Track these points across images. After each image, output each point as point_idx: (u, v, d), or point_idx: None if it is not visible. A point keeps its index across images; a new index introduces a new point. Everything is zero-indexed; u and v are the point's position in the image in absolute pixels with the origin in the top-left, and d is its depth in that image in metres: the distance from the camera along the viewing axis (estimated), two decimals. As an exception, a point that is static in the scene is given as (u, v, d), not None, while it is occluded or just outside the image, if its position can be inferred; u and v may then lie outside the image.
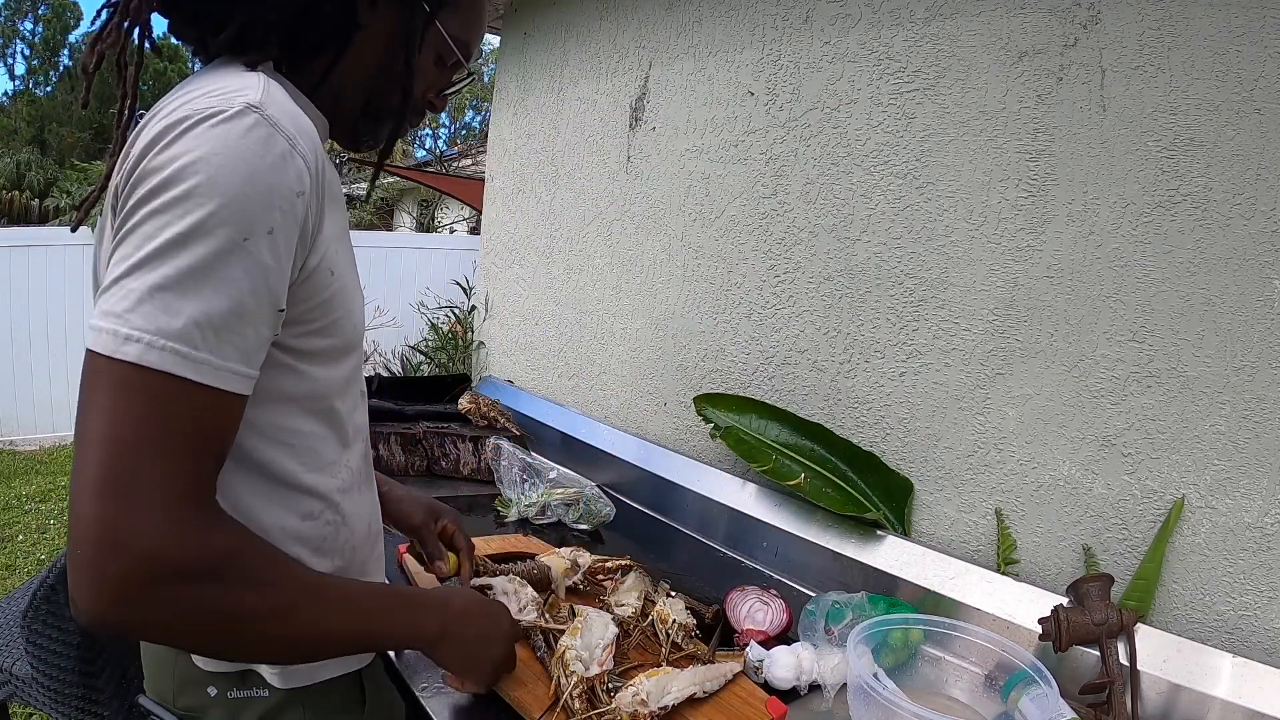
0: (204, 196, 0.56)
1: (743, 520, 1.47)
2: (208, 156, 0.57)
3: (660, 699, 0.88)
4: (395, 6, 0.74)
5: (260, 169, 0.58)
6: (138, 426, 0.54)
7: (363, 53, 0.74)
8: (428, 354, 3.00)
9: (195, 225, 0.55)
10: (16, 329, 4.91)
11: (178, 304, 0.55)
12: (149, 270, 0.54)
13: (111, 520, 0.52)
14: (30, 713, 2.29)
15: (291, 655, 0.69)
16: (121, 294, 0.54)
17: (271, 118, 0.60)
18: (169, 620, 0.56)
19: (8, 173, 16.54)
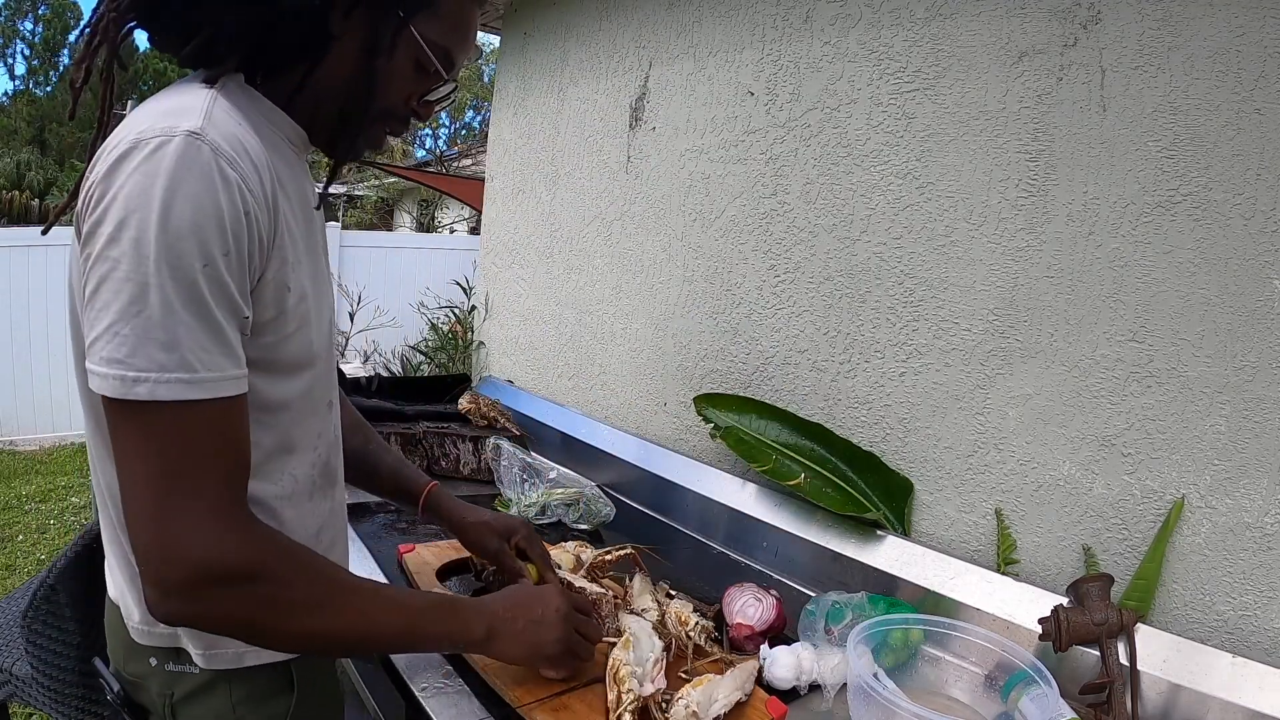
0: (163, 230, 0.60)
1: (743, 520, 1.47)
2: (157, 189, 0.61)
3: (710, 708, 0.88)
4: (369, 15, 0.73)
5: (207, 195, 0.62)
6: (165, 456, 0.62)
7: (338, 63, 0.74)
8: (428, 354, 3.00)
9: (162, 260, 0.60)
10: (16, 329, 4.91)
11: (170, 339, 0.61)
12: (135, 313, 0.60)
13: (164, 541, 0.62)
14: (30, 713, 2.29)
15: (336, 648, 0.79)
16: (118, 341, 0.60)
17: (213, 142, 0.63)
18: (223, 616, 0.66)
19: (8, 173, 16.53)
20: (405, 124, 0.83)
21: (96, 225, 0.61)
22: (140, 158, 0.61)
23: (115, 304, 0.60)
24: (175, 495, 0.62)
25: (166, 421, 0.62)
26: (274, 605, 0.68)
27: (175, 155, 0.61)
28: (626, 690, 0.86)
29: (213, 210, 0.62)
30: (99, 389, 0.61)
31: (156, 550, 0.62)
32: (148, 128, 0.63)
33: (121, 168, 0.61)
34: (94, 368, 0.61)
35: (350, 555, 1.26)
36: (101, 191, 0.62)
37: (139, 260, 0.60)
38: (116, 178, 0.61)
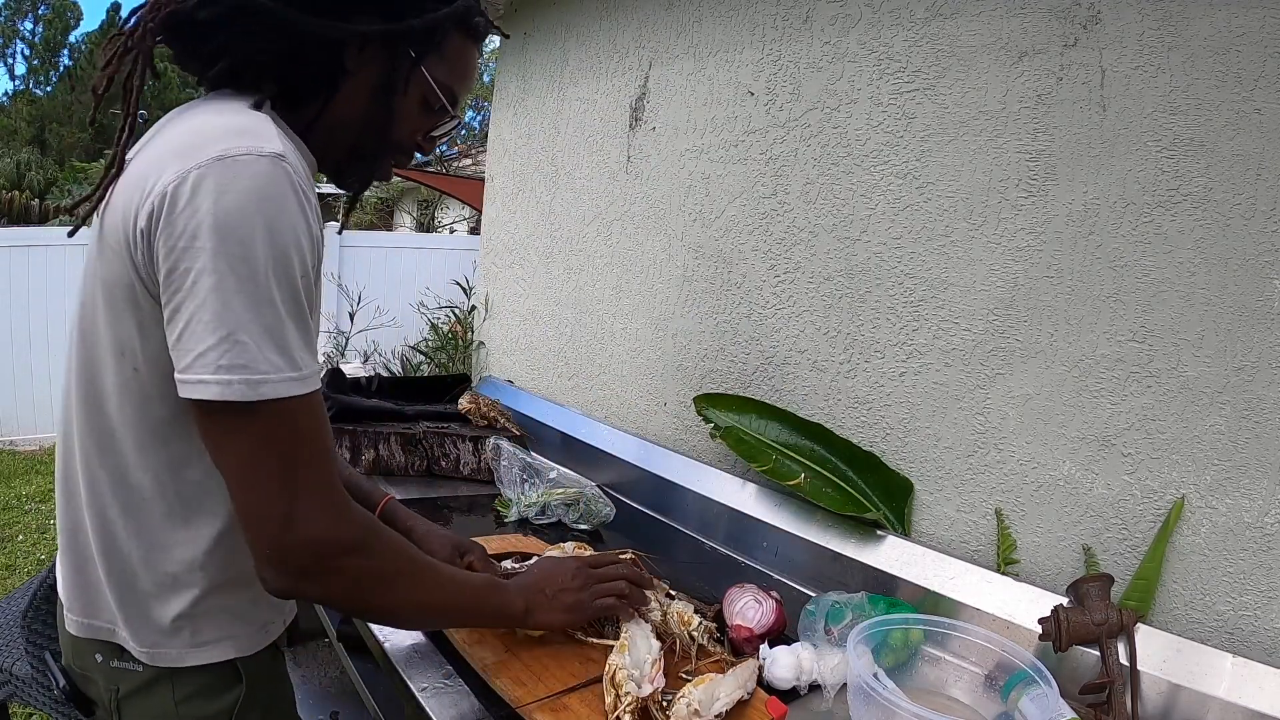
0: (270, 243, 0.66)
1: (743, 520, 1.47)
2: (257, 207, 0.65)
3: (711, 706, 0.88)
4: (382, 54, 0.80)
5: (298, 215, 0.68)
6: (285, 449, 0.68)
7: (351, 97, 0.80)
8: (428, 354, 3.00)
9: (269, 270, 0.66)
10: (16, 329, 4.91)
11: (283, 342, 0.67)
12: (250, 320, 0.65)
13: (295, 524, 0.68)
14: (30, 713, 2.29)
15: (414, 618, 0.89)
16: (239, 348, 0.65)
17: (293, 166, 0.69)
18: (342, 586, 0.74)
19: (8, 173, 16.53)
20: (410, 157, 0.89)
21: (195, 236, 0.64)
22: (235, 173, 0.65)
23: (230, 314, 0.64)
24: (301, 483, 0.68)
25: (282, 417, 0.67)
26: (378, 576, 0.76)
27: (268, 175, 0.66)
28: (625, 693, 0.86)
29: (303, 227, 0.69)
30: (221, 395, 0.65)
31: (289, 533, 0.68)
32: (228, 147, 0.66)
33: (212, 183, 0.65)
34: (210, 377, 0.65)
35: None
36: (191, 202, 0.64)
37: (251, 271, 0.65)
38: (208, 192, 0.64)
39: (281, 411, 0.67)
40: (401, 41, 0.79)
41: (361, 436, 1.74)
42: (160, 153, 0.69)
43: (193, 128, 0.70)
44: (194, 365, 0.65)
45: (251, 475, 0.68)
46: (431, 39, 0.81)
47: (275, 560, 0.69)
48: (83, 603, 0.80)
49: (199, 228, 0.64)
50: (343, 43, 0.77)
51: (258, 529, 0.68)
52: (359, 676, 1.32)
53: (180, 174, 0.65)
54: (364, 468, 1.74)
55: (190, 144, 0.67)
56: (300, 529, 0.68)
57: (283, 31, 0.74)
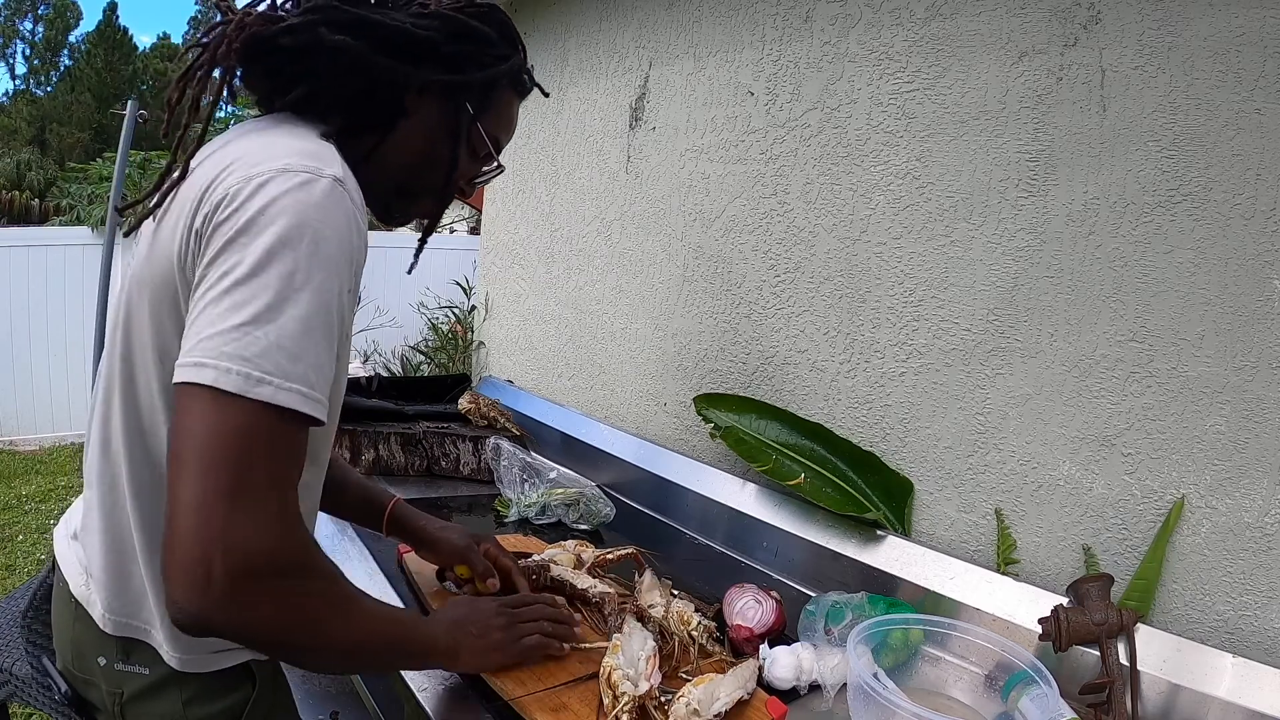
0: (313, 254, 0.65)
1: (743, 520, 1.47)
2: (311, 217, 0.66)
3: (711, 706, 0.87)
4: (439, 101, 0.84)
5: (347, 236, 0.68)
6: (256, 450, 0.63)
7: (406, 138, 0.84)
8: (428, 354, 3.00)
9: (307, 279, 0.65)
10: (16, 329, 4.91)
11: (299, 350, 0.64)
12: (271, 319, 0.63)
13: (227, 530, 0.60)
14: (30, 713, 2.29)
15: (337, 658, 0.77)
16: (249, 340, 0.62)
17: (350, 191, 0.70)
18: (265, 612, 0.64)
19: (8, 173, 16.54)
20: (451, 200, 0.92)
21: (241, 233, 0.64)
22: (292, 185, 0.66)
23: (251, 306, 0.63)
24: (250, 487, 0.62)
25: (265, 425, 0.63)
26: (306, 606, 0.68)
27: (326, 193, 0.67)
28: (621, 693, 0.86)
29: (349, 249, 0.68)
30: (213, 380, 0.61)
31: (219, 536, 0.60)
32: (292, 162, 0.68)
33: (273, 190, 0.66)
34: (206, 360, 0.62)
35: (351, 555, 1.26)
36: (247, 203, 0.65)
37: (287, 275, 0.64)
38: (266, 195, 0.65)
39: (270, 419, 0.63)
40: (460, 92, 0.84)
41: (361, 436, 1.74)
42: (226, 161, 0.70)
43: (262, 143, 0.72)
44: (196, 348, 0.62)
45: (207, 463, 0.61)
46: (488, 93, 0.86)
47: (197, 572, 0.60)
48: (123, 601, 0.79)
49: (247, 225, 0.64)
50: (407, 86, 0.81)
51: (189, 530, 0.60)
52: (359, 676, 1.32)
53: (243, 179, 0.67)
54: (364, 468, 1.74)
55: (257, 156, 0.69)
56: (236, 538, 0.60)
57: (357, 69, 0.77)
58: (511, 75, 0.89)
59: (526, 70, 0.92)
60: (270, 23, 0.75)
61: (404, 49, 0.79)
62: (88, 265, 4.88)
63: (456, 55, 0.82)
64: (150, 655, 0.79)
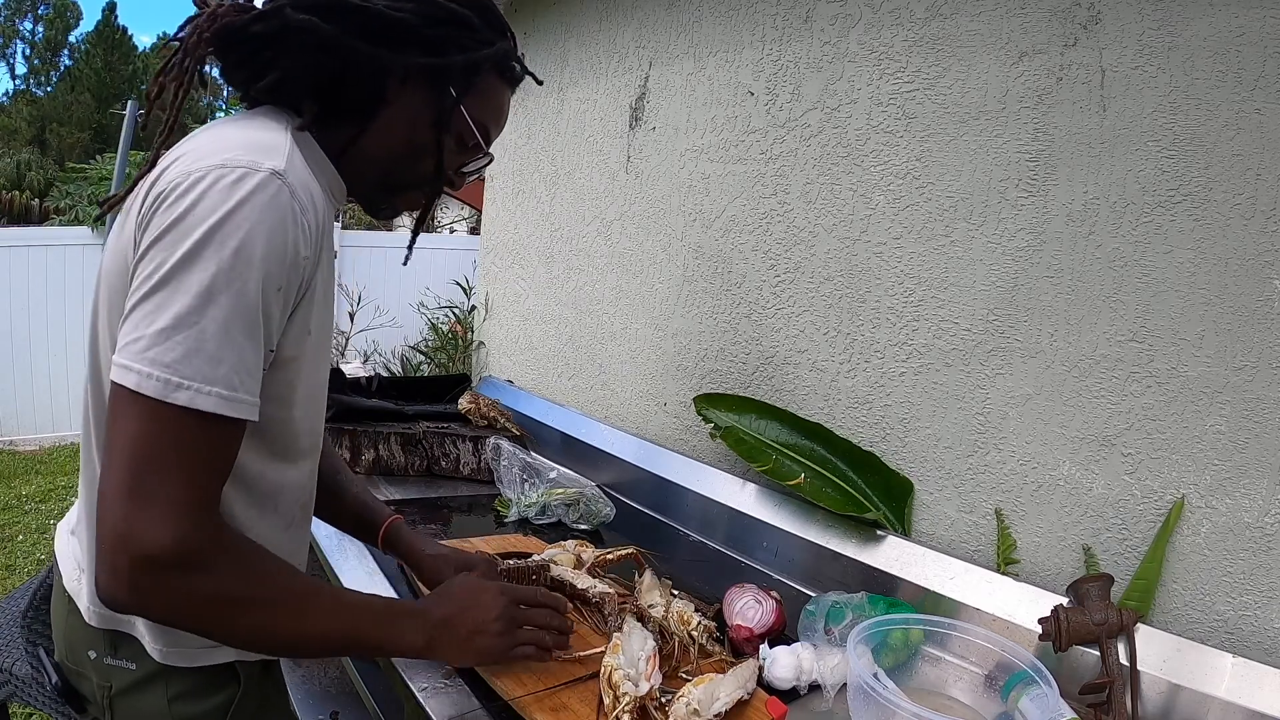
0: (236, 254, 0.65)
1: (743, 520, 1.47)
2: (237, 215, 0.65)
3: (711, 706, 0.87)
4: (423, 88, 0.81)
5: (279, 232, 0.67)
6: (168, 451, 0.64)
7: (388, 126, 0.82)
8: (428, 354, 3.00)
9: (229, 280, 0.64)
10: (16, 329, 4.90)
11: (219, 353, 0.65)
12: (192, 323, 0.63)
13: (129, 522, 0.63)
14: (30, 713, 2.29)
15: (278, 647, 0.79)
16: (170, 345, 0.63)
17: (291, 185, 0.69)
18: (167, 603, 0.67)
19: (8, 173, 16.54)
20: (440, 191, 0.90)
21: (167, 231, 0.65)
22: (226, 183, 0.66)
23: (172, 309, 0.63)
24: (151, 478, 0.64)
25: (182, 427, 0.64)
26: (216, 599, 0.69)
27: (258, 189, 0.66)
28: (622, 693, 0.86)
29: (280, 247, 0.68)
30: (135, 385, 0.63)
31: (119, 526, 0.63)
32: (232, 157, 0.67)
33: (204, 187, 0.65)
34: (130, 363, 0.63)
35: (351, 555, 1.26)
36: (178, 201, 0.65)
37: (209, 275, 0.64)
38: (197, 193, 0.65)
39: (185, 422, 0.64)
40: (443, 77, 0.82)
41: (361, 436, 1.74)
42: (178, 157, 0.71)
43: (215, 136, 0.72)
44: (124, 350, 0.64)
45: (117, 459, 0.64)
46: (471, 78, 0.84)
47: (105, 557, 0.64)
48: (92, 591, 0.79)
49: (175, 224, 0.65)
50: (387, 72, 0.79)
51: (104, 518, 0.64)
52: (359, 676, 1.32)
53: (181, 174, 0.67)
54: (364, 468, 1.74)
55: (202, 151, 0.69)
56: (139, 532, 0.63)
57: (334, 54, 0.76)
58: (496, 60, 0.86)
59: (515, 57, 0.90)
60: (242, 12, 0.75)
61: (378, 32, 0.77)
62: (88, 265, 4.89)
63: (436, 39, 0.80)
64: (137, 650, 0.80)
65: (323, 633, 0.77)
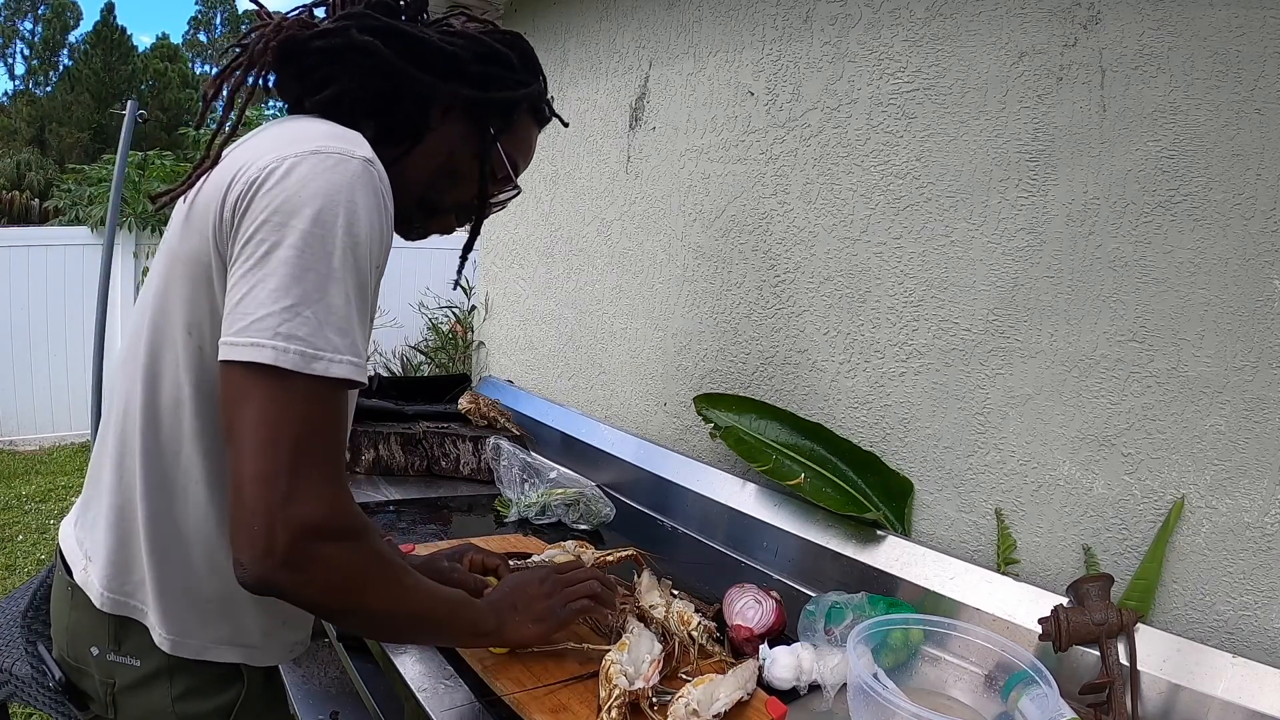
0: (349, 231, 0.68)
1: (743, 520, 1.47)
2: (344, 195, 0.68)
3: (710, 707, 0.87)
4: (464, 119, 0.88)
5: (378, 216, 0.72)
6: (311, 423, 0.67)
7: (430, 151, 0.87)
8: (428, 354, 3.01)
9: (344, 255, 0.68)
10: (16, 329, 4.91)
11: (345, 323, 0.68)
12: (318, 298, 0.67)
13: (286, 498, 0.65)
14: (30, 713, 2.29)
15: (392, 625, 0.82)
16: (300, 320, 0.66)
17: (380, 173, 0.73)
18: (326, 573, 0.69)
19: (8, 173, 16.55)
20: (469, 217, 0.96)
21: (274, 212, 0.67)
22: (326, 165, 0.69)
23: (297, 287, 0.66)
24: (307, 459, 0.67)
25: (318, 397, 0.68)
26: (359, 572, 0.72)
27: (358, 173, 0.70)
28: (614, 686, 0.86)
29: (380, 228, 0.72)
30: (273, 360, 0.65)
31: (281, 506, 0.65)
32: (324, 144, 0.71)
33: (307, 169, 0.69)
34: (267, 341, 0.65)
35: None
36: (281, 183, 0.68)
37: (326, 253, 0.67)
38: (300, 175, 0.68)
39: (323, 391, 0.68)
40: (483, 110, 0.88)
41: (361, 436, 1.74)
42: (259, 145, 0.74)
43: (295, 129, 0.76)
44: (250, 329, 0.65)
45: (266, 444, 0.66)
46: (509, 114, 0.90)
47: (261, 538, 0.66)
48: (121, 579, 0.81)
49: (284, 204, 0.67)
50: (433, 100, 0.85)
51: (254, 500, 0.65)
52: (359, 676, 1.32)
53: (277, 159, 0.69)
54: (364, 468, 1.74)
55: (289, 139, 0.72)
56: (297, 506, 0.66)
57: (388, 77, 0.81)
58: (531, 100, 0.93)
59: (546, 99, 0.97)
60: (306, 27, 0.80)
61: (430, 61, 0.82)
62: (88, 265, 4.89)
63: (481, 75, 0.86)
64: (142, 644, 0.80)
65: (421, 613, 0.82)
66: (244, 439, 0.66)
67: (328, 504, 0.68)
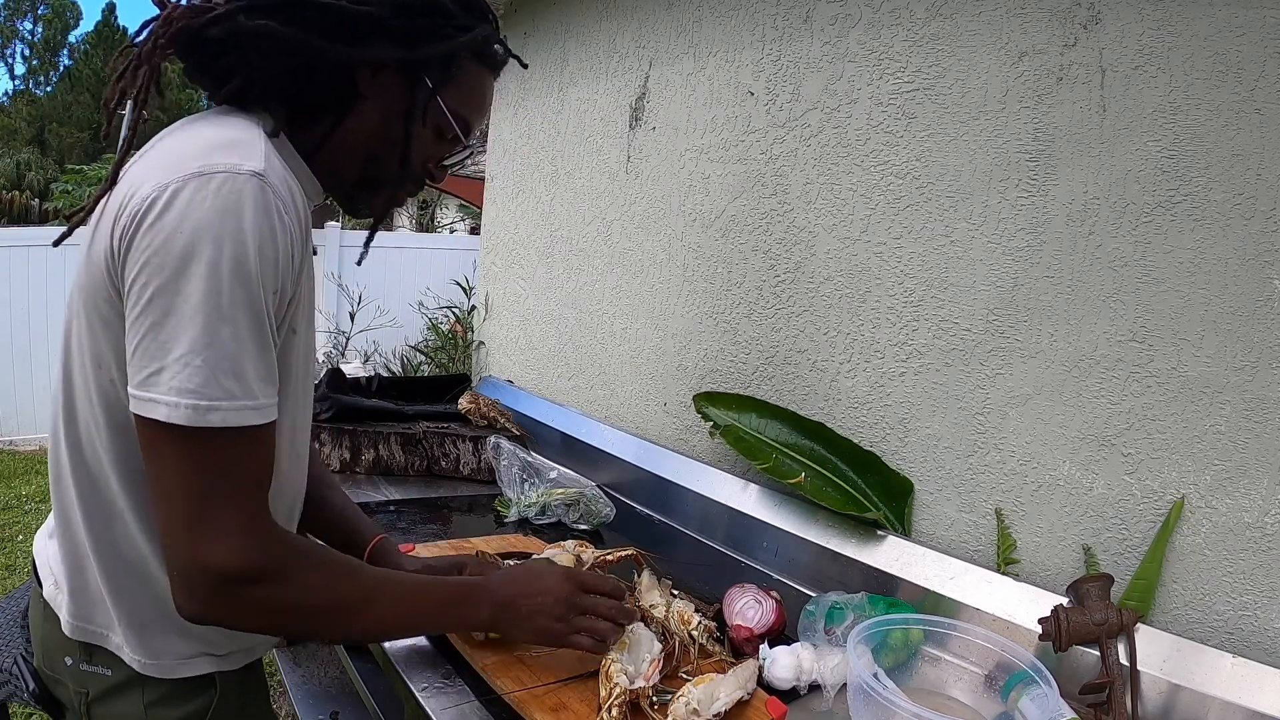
0: (236, 263, 0.64)
1: (743, 520, 1.47)
2: (226, 223, 0.64)
3: (711, 706, 0.87)
4: (397, 80, 0.79)
5: (269, 235, 0.66)
6: (207, 474, 0.66)
7: (362, 122, 0.79)
8: (428, 354, 3.01)
9: (232, 291, 0.64)
10: (16, 329, 4.90)
11: (240, 367, 0.65)
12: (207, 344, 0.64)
13: (196, 549, 0.66)
14: (30, 713, 2.29)
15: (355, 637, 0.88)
16: (190, 371, 0.63)
17: (273, 186, 0.67)
18: (251, 615, 0.71)
19: (8, 173, 16.55)
20: (421, 185, 0.88)
21: (156, 250, 0.64)
22: (209, 190, 0.64)
23: (186, 335, 0.63)
24: (211, 508, 0.66)
25: (220, 444, 0.66)
26: (296, 607, 0.73)
27: (243, 193, 0.65)
28: (614, 685, 0.86)
29: (272, 250, 0.67)
30: (165, 416, 0.64)
31: (191, 557, 0.67)
32: (208, 163, 0.65)
33: (187, 197, 0.64)
34: (161, 397, 0.64)
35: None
36: (161, 217, 0.64)
37: (212, 292, 0.63)
38: (180, 205, 0.64)
39: (221, 439, 0.66)
40: (418, 69, 0.78)
41: (361, 436, 1.74)
42: (149, 165, 0.69)
43: (182, 139, 0.71)
44: (146, 382, 0.64)
45: (172, 493, 0.66)
46: (448, 68, 0.80)
47: (181, 584, 0.68)
48: (80, 606, 0.80)
49: (165, 243, 0.63)
50: (354, 68, 0.77)
51: (168, 549, 0.68)
52: (359, 676, 1.32)
53: (158, 187, 0.65)
54: (364, 468, 1.74)
55: (175, 157, 0.67)
56: (203, 554, 0.66)
57: (296, 55, 0.73)
58: (474, 47, 0.81)
59: (496, 40, 0.84)
60: (197, 15, 0.72)
61: (340, 28, 0.73)
62: (87, 265, 4.88)
63: (407, 30, 0.76)
64: (112, 657, 0.79)
65: (394, 622, 0.84)
66: (156, 488, 0.67)
67: (237, 552, 0.67)
